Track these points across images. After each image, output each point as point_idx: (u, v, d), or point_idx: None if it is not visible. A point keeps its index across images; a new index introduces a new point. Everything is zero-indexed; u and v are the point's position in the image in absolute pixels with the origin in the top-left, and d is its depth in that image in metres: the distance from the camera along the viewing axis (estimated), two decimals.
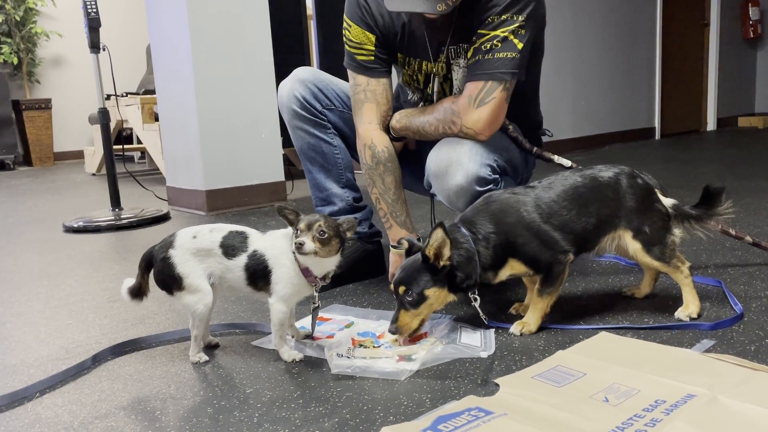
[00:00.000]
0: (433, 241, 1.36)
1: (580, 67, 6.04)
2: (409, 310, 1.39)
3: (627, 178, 1.51)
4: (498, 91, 1.63)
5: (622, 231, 1.51)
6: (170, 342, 1.57)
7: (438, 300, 1.41)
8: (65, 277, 2.30)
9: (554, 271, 1.47)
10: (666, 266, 1.51)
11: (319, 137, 1.97)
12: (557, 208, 1.46)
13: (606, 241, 1.52)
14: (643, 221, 1.49)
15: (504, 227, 1.44)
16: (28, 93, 7.28)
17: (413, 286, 1.38)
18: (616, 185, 1.50)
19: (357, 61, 1.80)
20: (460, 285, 1.42)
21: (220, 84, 3.46)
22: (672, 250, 1.51)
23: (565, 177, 1.52)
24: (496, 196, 1.50)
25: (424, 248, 1.38)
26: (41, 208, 4.12)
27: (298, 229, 1.36)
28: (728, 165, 4.45)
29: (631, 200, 1.49)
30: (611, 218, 1.50)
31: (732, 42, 7.67)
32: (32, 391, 1.32)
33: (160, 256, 1.39)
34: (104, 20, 3.34)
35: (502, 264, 1.46)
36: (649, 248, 1.49)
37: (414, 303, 1.39)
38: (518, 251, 1.45)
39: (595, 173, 1.52)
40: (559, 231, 1.45)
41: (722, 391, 1.12)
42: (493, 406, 1.11)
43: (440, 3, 1.52)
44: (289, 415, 1.16)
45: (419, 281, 1.38)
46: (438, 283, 1.39)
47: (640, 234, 1.49)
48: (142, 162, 6.89)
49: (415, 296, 1.38)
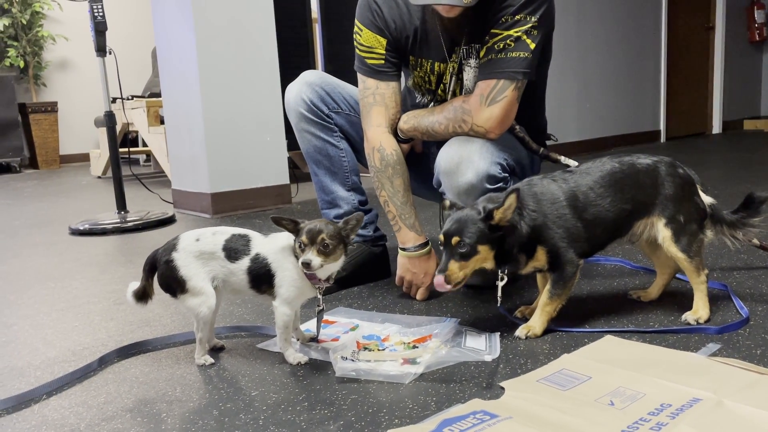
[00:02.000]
0: (507, 204, 1.37)
1: (585, 69, 6.03)
2: (458, 261, 1.39)
3: (666, 166, 1.51)
4: (510, 90, 1.64)
5: (655, 218, 1.51)
6: (176, 345, 1.58)
7: (485, 258, 1.41)
8: (71, 279, 2.31)
9: (567, 272, 1.47)
10: (689, 262, 1.49)
11: (326, 140, 1.98)
12: (593, 197, 1.47)
13: (639, 227, 1.53)
14: (678, 210, 1.48)
15: (544, 210, 1.45)
16: (35, 96, 7.32)
17: (467, 238, 1.38)
18: (654, 172, 1.50)
19: (367, 65, 1.81)
20: (505, 253, 1.43)
21: (225, 87, 3.47)
22: (699, 248, 1.50)
23: (602, 162, 1.53)
24: (537, 180, 1.50)
25: (494, 208, 1.38)
26: (47, 210, 4.13)
27: (300, 242, 1.35)
28: (734, 168, 4.44)
29: (669, 188, 1.49)
30: (646, 204, 1.50)
31: (738, 45, 7.65)
32: (39, 393, 1.33)
33: (164, 260, 1.40)
34: (110, 24, 3.36)
35: (533, 251, 1.46)
36: (678, 238, 1.48)
37: (465, 255, 1.38)
38: (547, 240, 1.45)
39: (633, 160, 1.53)
40: (589, 228, 1.46)
41: (728, 395, 1.11)
42: (498, 409, 1.11)
43: None
44: (295, 418, 1.16)
45: (475, 235, 1.38)
46: (490, 243, 1.40)
47: (673, 222, 1.48)
48: (148, 165, 6.92)
49: (467, 248, 1.38)
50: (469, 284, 1.89)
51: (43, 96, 7.45)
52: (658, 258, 1.66)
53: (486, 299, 1.79)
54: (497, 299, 1.52)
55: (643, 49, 6.66)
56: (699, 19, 7.26)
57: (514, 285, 1.91)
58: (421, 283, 1.80)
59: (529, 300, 1.68)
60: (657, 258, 1.66)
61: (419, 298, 1.81)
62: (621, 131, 6.46)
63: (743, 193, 1.58)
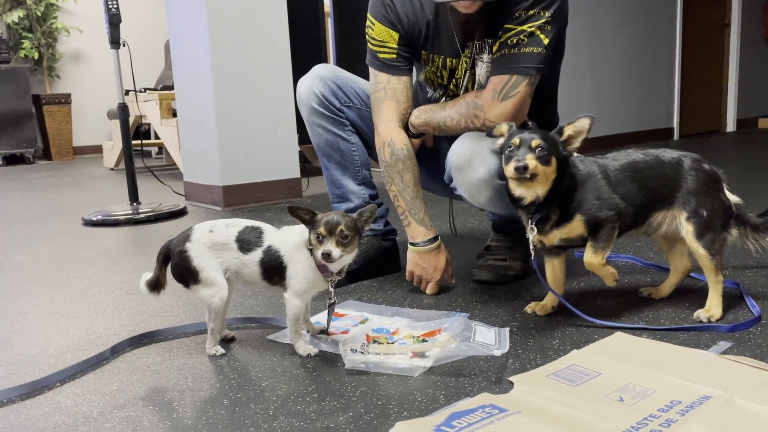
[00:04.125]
0: (578, 124, 1.42)
1: (599, 66, 5.99)
2: (536, 160, 1.41)
3: (692, 161, 1.52)
4: (523, 86, 1.64)
5: (676, 211, 1.50)
6: (187, 335, 1.59)
7: (549, 172, 1.43)
8: (84, 269, 2.33)
9: (606, 228, 1.47)
10: (709, 259, 1.49)
11: (337, 134, 1.98)
12: (621, 177, 1.49)
13: (657, 218, 1.53)
14: (702, 205, 1.48)
15: (585, 181, 1.48)
16: (49, 88, 7.37)
17: (547, 145, 1.41)
18: (677, 165, 1.51)
19: (379, 59, 1.81)
20: (554, 191, 1.45)
21: (237, 80, 3.48)
22: (721, 246, 1.50)
23: (628, 153, 1.54)
24: (575, 158, 1.52)
25: (564, 125, 1.44)
26: (60, 201, 4.17)
27: (318, 233, 1.35)
28: (748, 166, 4.40)
29: (692, 182, 1.49)
30: (667, 197, 1.50)
31: (753, 43, 7.57)
32: (52, 381, 1.35)
33: (177, 250, 1.41)
34: (124, 16, 3.37)
35: (569, 216, 1.47)
36: (701, 234, 1.48)
37: (542, 159, 1.41)
38: (585, 208, 1.46)
39: (659, 153, 1.54)
40: (623, 201, 1.48)
41: (738, 393, 1.11)
42: (507, 403, 1.12)
43: None
44: (304, 409, 1.17)
45: (554, 146, 1.43)
46: (558, 160, 1.43)
47: (696, 217, 1.48)
48: (160, 157, 6.96)
49: (545, 153, 1.41)
50: (478, 279, 1.90)
51: (57, 88, 7.50)
52: (674, 256, 1.65)
53: (495, 294, 1.79)
54: (530, 253, 1.53)
55: (657, 45, 6.60)
56: (714, 16, 7.18)
57: (524, 281, 1.91)
58: (431, 278, 1.80)
59: (540, 296, 1.68)
60: (672, 256, 1.66)
61: (429, 292, 1.81)
62: (634, 128, 6.42)
63: (757, 192, 1.57)
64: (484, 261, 1.95)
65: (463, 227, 2.67)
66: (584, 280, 1.87)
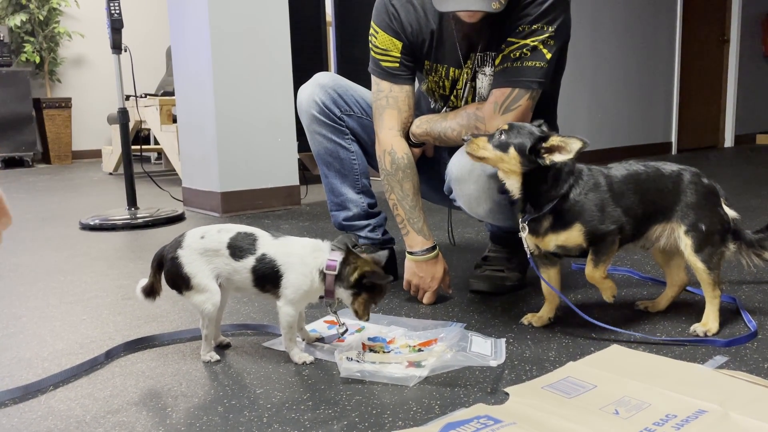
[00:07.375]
0: (567, 140, 1.40)
1: (598, 79, 6.02)
2: (489, 142, 1.44)
3: (691, 174, 1.52)
4: (524, 99, 1.64)
5: (675, 224, 1.50)
6: (182, 340, 1.59)
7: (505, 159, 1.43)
8: (80, 273, 2.33)
9: (607, 241, 1.46)
10: (707, 274, 1.48)
11: (337, 142, 1.98)
12: (624, 189, 1.48)
13: (655, 231, 1.52)
14: (701, 219, 1.48)
15: (587, 189, 1.46)
16: (49, 92, 7.38)
17: (510, 134, 1.42)
18: (677, 178, 1.51)
19: (382, 68, 1.81)
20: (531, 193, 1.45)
21: (238, 87, 3.49)
22: (719, 261, 1.49)
23: (629, 164, 1.54)
24: (581, 165, 1.51)
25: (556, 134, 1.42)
26: (58, 205, 4.16)
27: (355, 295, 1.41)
28: (746, 182, 4.41)
29: (691, 196, 1.49)
30: (666, 210, 1.50)
31: (752, 59, 7.60)
32: (46, 384, 1.34)
33: (170, 256, 1.41)
34: (126, 22, 3.38)
35: (568, 224, 1.46)
36: (699, 247, 1.48)
37: (500, 145, 1.43)
38: (585, 218, 1.45)
39: (659, 165, 1.54)
40: (625, 214, 1.47)
41: (734, 407, 1.11)
42: (502, 414, 1.11)
43: (495, 1, 1.51)
44: (299, 417, 1.17)
45: (517, 136, 1.42)
46: (523, 157, 1.41)
47: (695, 230, 1.48)
48: (159, 163, 6.95)
49: (504, 141, 1.42)
50: (475, 289, 1.90)
51: (58, 92, 7.51)
52: (671, 269, 1.65)
53: (492, 305, 1.79)
54: (526, 251, 1.52)
55: (656, 60, 6.64)
56: (713, 32, 7.23)
57: (520, 292, 1.91)
58: (428, 287, 1.80)
59: (536, 307, 1.68)
60: (669, 269, 1.66)
61: (426, 302, 1.81)
62: (632, 142, 6.44)
63: (755, 208, 1.57)
64: (481, 271, 1.95)
65: (462, 237, 2.67)
66: (581, 292, 1.87)
